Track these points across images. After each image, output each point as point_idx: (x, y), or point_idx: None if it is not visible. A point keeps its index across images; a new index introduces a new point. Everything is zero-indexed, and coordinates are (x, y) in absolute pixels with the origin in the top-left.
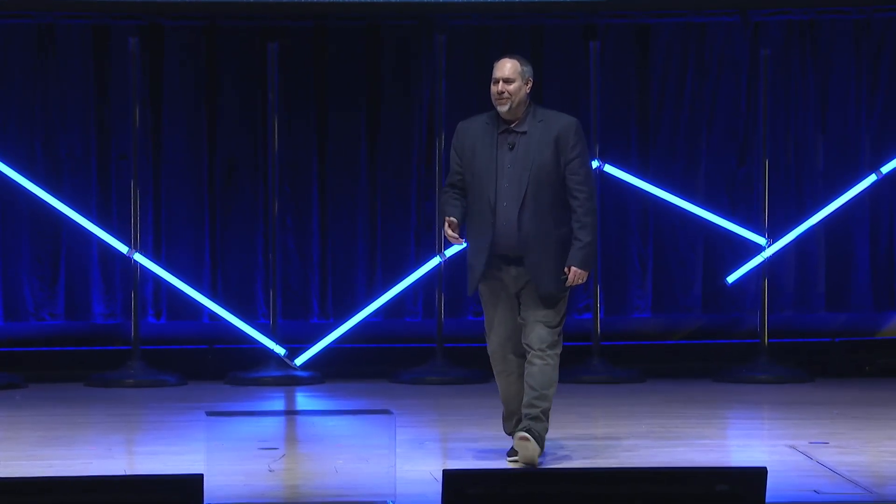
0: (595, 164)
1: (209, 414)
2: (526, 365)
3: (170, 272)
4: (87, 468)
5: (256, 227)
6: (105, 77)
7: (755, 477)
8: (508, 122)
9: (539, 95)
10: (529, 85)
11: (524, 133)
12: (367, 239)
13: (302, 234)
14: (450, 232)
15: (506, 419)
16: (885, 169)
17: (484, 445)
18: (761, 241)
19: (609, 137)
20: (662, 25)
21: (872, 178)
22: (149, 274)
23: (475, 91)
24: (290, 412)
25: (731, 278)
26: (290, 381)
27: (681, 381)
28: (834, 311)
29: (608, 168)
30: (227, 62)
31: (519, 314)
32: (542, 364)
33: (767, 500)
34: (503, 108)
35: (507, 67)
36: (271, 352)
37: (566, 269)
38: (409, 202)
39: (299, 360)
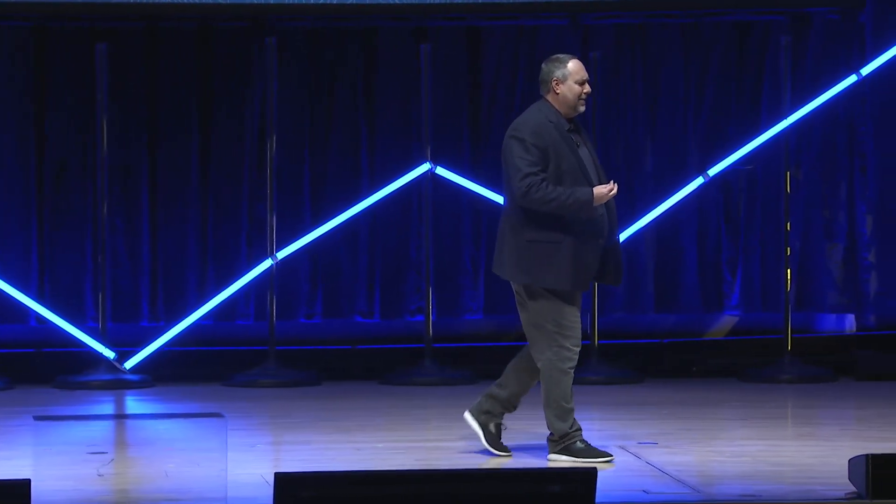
0: (426, 166)
1: (37, 418)
2: (535, 369)
3: None
4: None
5: (85, 229)
6: None
7: (585, 477)
8: (567, 122)
9: (372, 98)
10: None
11: (579, 133)
12: (198, 241)
13: (132, 236)
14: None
15: (568, 417)
16: (713, 171)
17: (316, 448)
18: None
19: (441, 140)
20: (494, 28)
21: (700, 180)
22: None
23: (307, 93)
24: (120, 416)
25: None
26: (119, 384)
27: None
28: (663, 313)
29: (440, 170)
30: (55, 63)
31: None
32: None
33: (597, 500)
34: (583, 109)
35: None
36: (101, 355)
37: None
38: (241, 204)
39: (129, 364)
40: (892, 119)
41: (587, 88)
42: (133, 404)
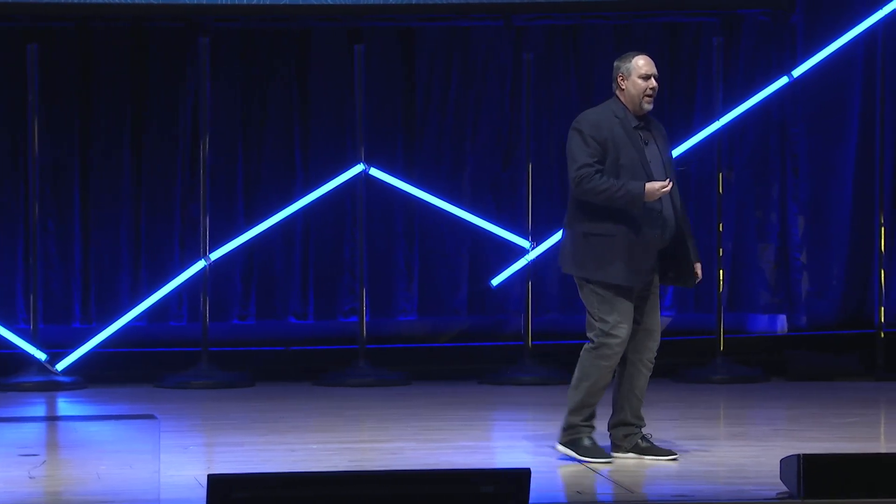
0: (360, 167)
1: None
2: (634, 372)
3: None
4: None
5: (16, 231)
6: None
7: (519, 478)
8: (637, 119)
9: (305, 98)
10: None
11: (649, 130)
12: (130, 242)
13: (63, 237)
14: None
15: (585, 411)
16: None
17: (249, 449)
18: (525, 243)
19: (375, 141)
20: (427, 29)
21: None
22: None
23: (240, 94)
24: (52, 418)
25: (495, 281)
26: (51, 386)
27: (447, 383)
28: None
29: (374, 171)
30: None
31: (636, 317)
32: (648, 374)
33: (531, 500)
34: (650, 107)
35: (651, 64)
36: (32, 357)
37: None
38: (174, 205)
39: (61, 365)
40: (824, 120)
41: (652, 83)
42: (65, 406)
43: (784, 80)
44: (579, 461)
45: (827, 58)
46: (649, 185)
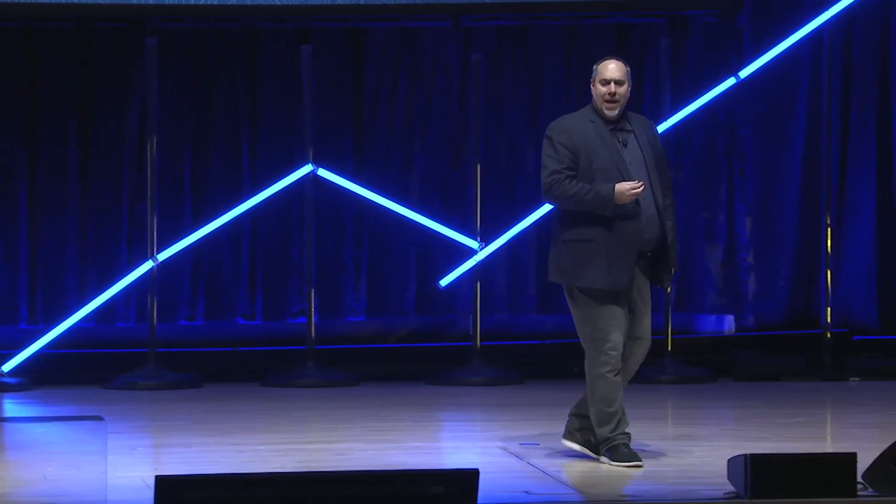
0: (308, 168)
1: None
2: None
3: None
4: None
5: None
6: None
7: (467, 478)
8: (612, 121)
9: (254, 99)
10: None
11: (631, 131)
12: (77, 242)
13: (9, 237)
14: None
15: (609, 421)
16: None
17: (197, 450)
18: (474, 244)
19: (323, 141)
20: (376, 29)
21: None
22: None
23: (188, 94)
24: None
25: (444, 281)
26: None
27: (395, 384)
28: (544, 314)
29: (322, 172)
30: None
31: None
32: (629, 377)
33: (479, 501)
34: (613, 112)
35: (616, 69)
36: None
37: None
38: (121, 205)
39: (7, 367)
40: (771, 121)
41: (611, 89)
42: (11, 407)
43: (731, 81)
44: (620, 466)
45: (773, 59)
46: (619, 186)
